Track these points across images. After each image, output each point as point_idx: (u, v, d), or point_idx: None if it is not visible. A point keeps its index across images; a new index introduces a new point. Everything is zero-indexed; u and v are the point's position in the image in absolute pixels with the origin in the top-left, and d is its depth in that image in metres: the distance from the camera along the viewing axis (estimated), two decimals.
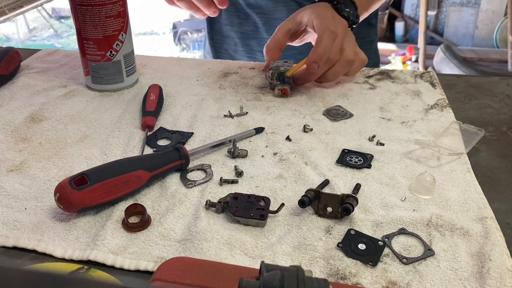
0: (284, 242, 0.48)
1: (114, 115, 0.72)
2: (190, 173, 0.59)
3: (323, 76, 0.78)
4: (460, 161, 0.61)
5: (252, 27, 1.03)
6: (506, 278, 0.44)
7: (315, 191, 0.52)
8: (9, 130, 0.68)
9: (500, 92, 0.81)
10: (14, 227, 0.50)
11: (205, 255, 0.46)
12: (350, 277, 0.44)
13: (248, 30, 1.04)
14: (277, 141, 0.65)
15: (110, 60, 0.77)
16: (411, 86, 0.81)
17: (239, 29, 1.05)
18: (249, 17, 1.03)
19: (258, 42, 1.04)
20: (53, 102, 0.76)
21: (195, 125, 0.69)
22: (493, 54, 3.77)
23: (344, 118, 0.71)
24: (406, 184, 0.57)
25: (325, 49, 0.73)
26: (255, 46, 1.05)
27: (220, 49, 1.10)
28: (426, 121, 0.71)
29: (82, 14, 0.73)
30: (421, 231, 0.49)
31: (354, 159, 0.61)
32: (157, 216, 0.52)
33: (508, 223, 0.51)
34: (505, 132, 0.69)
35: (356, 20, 0.82)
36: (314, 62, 0.73)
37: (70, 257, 0.46)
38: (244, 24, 1.04)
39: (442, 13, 4.05)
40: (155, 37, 4.65)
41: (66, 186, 0.49)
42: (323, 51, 0.73)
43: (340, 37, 0.75)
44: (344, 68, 0.77)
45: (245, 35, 1.05)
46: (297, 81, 0.79)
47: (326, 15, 0.76)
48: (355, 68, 0.80)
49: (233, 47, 1.08)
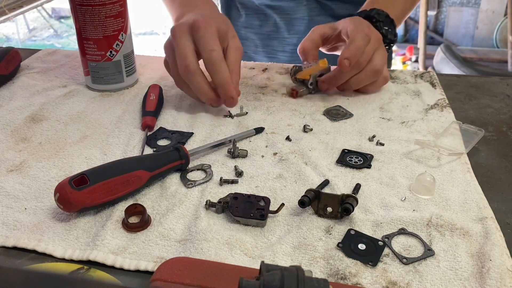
0: (284, 242, 0.48)
1: (114, 115, 0.72)
2: (190, 173, 0.59)
3: (347, 83, 0.75)
4: (460, 161, 0.61)
5: (273, 28, 1.02)
6: (506, 278, 0.44)
7: (315, 191, 0.52)
8: (9, 130, 0.68)
9: (500, 92, 0.81)
10: (14, 227, 0.50)
11: (205, 255, 0.46)
12: (350, 277, 0.44)
13: (268, 31, 1.03)
14: (277, 141, 0.65)
15: (110, 60, 0.77)
16: (411, 86, 0.81)
17: (259, 31, 1.04)
18: (269, 18, 1.02)
19: (279, 42, 1.03)
20: (53, 102, 0.76)
21: (195, 125, 0.69)
22: (493, 54, 3.77)
23: (344, 118, 0.71)
24: (406, 184, 0.57)
25: (358, 48, 0.71)
26: (276, 46, 1.04)
27: None
28: (426, 121, 0.71)
29: (82, 14, 0.73)
30: (421, 231, 0.49)
31: (354, 159, 0.61)
32: (157, 216, 0.52)
33: (508, 223, 0.51)
34: (505, 132, 0.69)
35: (394, 39, 0.80)
36: (346, 59, 0.70)
37: (70, 257, 0.46)
38: (264, 25, 1.03)
39: (442, 13, 4.05)
40: (155, 37, 4.65)
41: (66, 186, 0.49)
42: (355, 49, 0.71)
43: (373, 43, 0.73)
44: (370, 77, 0.75)
45: (266, 36, 1.04)
46: (322, 85, 0.76)
47: (362, 23, 0.75)
48: (379, 83, 0.77)
49: (253, 49, 1.08)
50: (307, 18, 0.81)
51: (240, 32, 1.06)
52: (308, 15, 0.82)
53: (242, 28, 1.06)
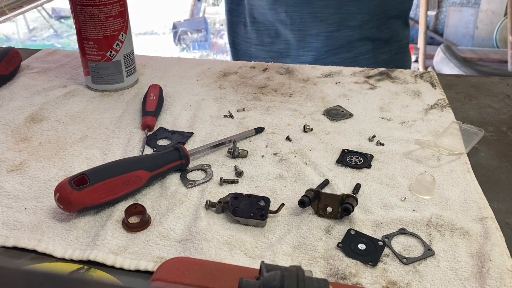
0: (284, 242, 0.48)
1: (114, 115, 0.72)
2: (190, 173, 0.59)
3: None
4: (460, 161, 0.61)
5: (284, 45, 1.00)
6: (506, 278, 0.44)
7: (315, 191, 0.52)
8: (9, 130, 0.68)
9: (500, 92, 0.81)
10: (14, 227, 0.50)
11: (205, 255, 0.46)
12: (350, 277, 0.44)
13: (280, 49, 1.01)
14: (277, 141, 0.65)
15: (110, 60, 0.77)
16: (411, 86, 0.81)
17: (270, 49, 1.02)
18: (279, 34, 0.99)
19: (292, 60, 1.01)
20: (53, 102, 0.76)
21: (195, 125, 0.69)
22: (493, 54, 3.76)
23: (344, 118, 0.71)
24: (406, 184, 0.57)
25: None
26: (289, 64, 1.03)
27: None
28: (426, 121, 0.71)
29: (82, 14, 0.73)
30: (421, 231, 0.49)
31: (354, 159, 0.61)
32: (157, 216, 0.52)
33: (508, 223, 0.51)
34: (505, 132, 0.69)
35: None
36: None
37: (70, 257, 0.46)
38: (275, 43, 1.01)
39: (442, 13, 4.05)
40: (155, 37, 4.65)
41: (66, 186, 0.49)
42: None
43: None
44: None
45: (277, 53, 1.02)
46: None
47: None
48: None
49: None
50: (322, 35, 0.78)
51: (250, 50, 1.05)
52: (325, 32, 0.78)
53: (253, 46, 1.04)
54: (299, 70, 0.87)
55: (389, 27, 0.97)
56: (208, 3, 4.66)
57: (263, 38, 1.02)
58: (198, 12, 4.55)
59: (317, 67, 0.88)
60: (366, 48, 0.97)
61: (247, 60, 1.02)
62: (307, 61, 1.01)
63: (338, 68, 0.87)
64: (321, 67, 0.88)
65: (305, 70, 0.87)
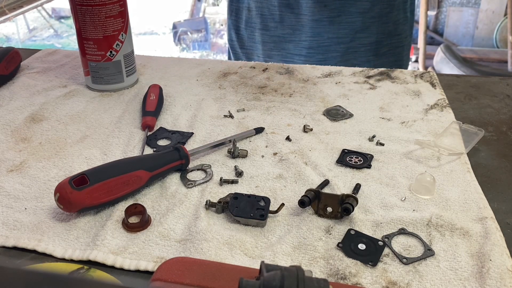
0: (284, 242, 0.48)
1: (114, 115, 0.72)
2: (190, 173, 0.59)
3: None
4: (460, 161, 0.61)
5: (289, 30, 1.01)
6: (506, 278, 0.44)
7: (315, 191, 0.52)
8: (9, 130, 0.68)
9: (500, 92, 0.81)
10: (14, 227, 0.50)
11: (205, 255, 0.46)
12: (350, 277, 0.44)
13: (284, 34, 1.01)
14: (277, 141, 0.65)
15: (110, 60, 0.77)
16: (411, 86, 0.81)
17: (274, 33, 1.03)
18: (284, 19, 1.00)
19: (296, 45, 1.01)
20: (53, 102, 0.76)
21: (195, 125, 0.69)
22: (493, 54, 3.76)
23: (344, 118, 0.71)
24: (406, 184, 0.57)
25: None
26: (292, 49, 1.02)
27: (252, 55, 1.08)
28: (426, 121, 0.71)
29: (82, 14, 0.73)
30: (421, 231, 0.49)
31: (354, 159, 0.61)
32: (157, 216, 0.52)
33: (508, 223, 0.51)
34: (505, 132, 0.69)
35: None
36: None
37: (70, 257, 0.46)
38: (280, 28, 1.01)
39: (442, 13, 4.05)
40: (155, 37, 4.65)
41: (66, 186, 0.49)
42: None
43: None
44: None
45: (281, 38, 1.02)
46: None
47: None
48: None
49: (267, 52, 1.06)
50: (326, 21, 0.79)
51: (254, 35, 1.05)
52: (329, 18, 0.79)
53: (257, 30, 1.04)
54: (299, 70, 0.87)
55: (392, 20, 0.97)
56: (208, 3, 4.66)
57: (268, 23, 1.02)
58: (198, 12, 4.55)
59: (317, 67, 0.88)
60: (368, 40, 0.97)
61: (250, 45, 1.02)
62: (308, 46, 1.01)
63: (338, 68, 0.87)
64: (321, 67, 0.88)
65: (305, 70, 0.87)
